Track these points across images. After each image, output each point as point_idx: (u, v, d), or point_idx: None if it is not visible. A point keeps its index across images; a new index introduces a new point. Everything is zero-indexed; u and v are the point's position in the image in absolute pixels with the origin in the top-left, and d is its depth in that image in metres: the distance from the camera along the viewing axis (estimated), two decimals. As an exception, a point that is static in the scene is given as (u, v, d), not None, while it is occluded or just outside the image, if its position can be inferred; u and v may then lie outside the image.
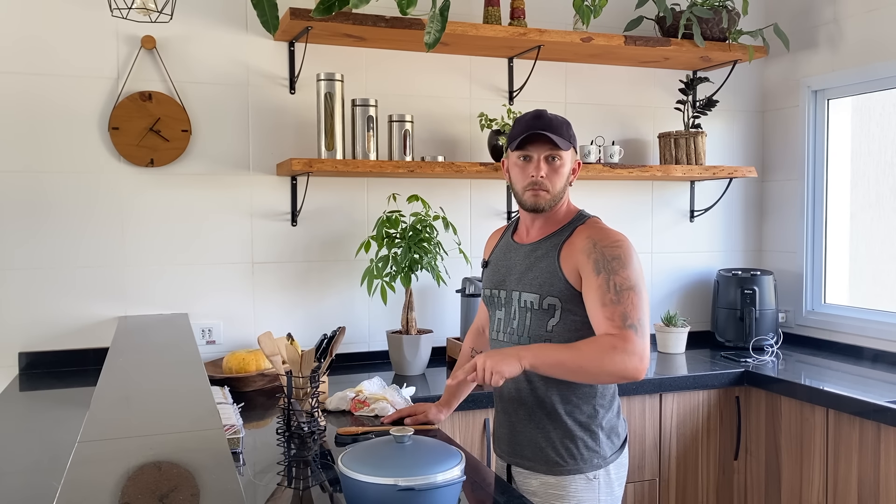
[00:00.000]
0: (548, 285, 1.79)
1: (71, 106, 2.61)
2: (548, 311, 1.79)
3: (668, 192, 3.41)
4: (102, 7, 2.60)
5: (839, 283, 3.32)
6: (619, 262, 1.72)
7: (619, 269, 1.71)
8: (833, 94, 3.25)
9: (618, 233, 1.79)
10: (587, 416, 1.80)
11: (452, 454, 1.44)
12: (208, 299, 2.78)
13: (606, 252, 1.73)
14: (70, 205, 2.62)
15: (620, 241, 1.76)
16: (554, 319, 1.78)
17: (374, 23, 2.64)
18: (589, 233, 1.79)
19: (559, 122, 1.81)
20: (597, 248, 1.74)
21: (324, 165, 2.59)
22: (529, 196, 1.82)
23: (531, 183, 1.81)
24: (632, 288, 1.70)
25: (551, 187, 1.81)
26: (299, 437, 1.94)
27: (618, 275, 1.70)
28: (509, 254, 1.92)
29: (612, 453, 1.83)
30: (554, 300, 1.78)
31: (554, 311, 1.78)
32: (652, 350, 3.13)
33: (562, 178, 1.82)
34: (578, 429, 1.80)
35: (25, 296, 2.59)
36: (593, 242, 1.76)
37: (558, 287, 1.78)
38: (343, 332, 2.07)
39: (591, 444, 1.80)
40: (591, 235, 1.78)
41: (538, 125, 1.79)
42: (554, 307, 1.78)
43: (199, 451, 1.16)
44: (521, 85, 3.10)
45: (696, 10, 3.03)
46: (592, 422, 1.81)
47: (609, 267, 1.71)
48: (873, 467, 2.38)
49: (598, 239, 1.76)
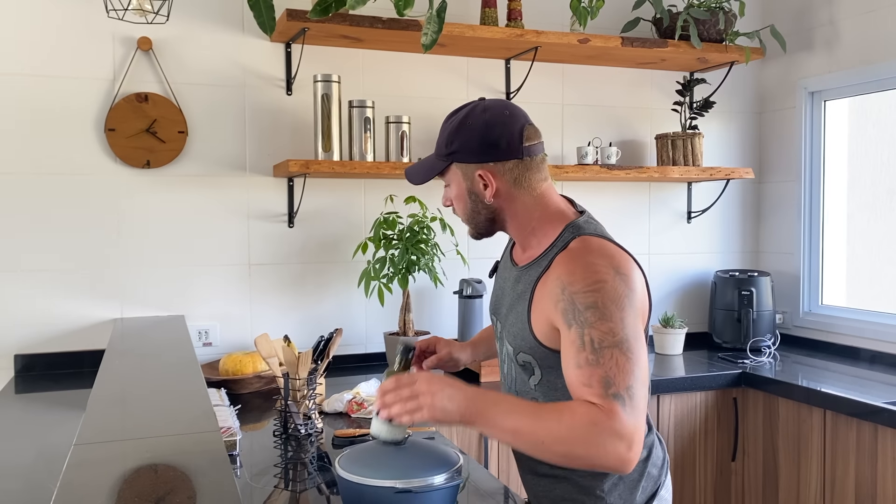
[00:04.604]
0: (520, 339, 1.44)
1: (67, 107, 2.60)
2: (526, 368, 1.45)
3: (666, 193, 3.41)
4: (98, 8, 2.59)
5: (836, 284, 3.32)
6: (595, 311, 1.28)
7: (596, 321, 1.27)
8: (830, 96, 3.26)
9: (600, 269, 1.32)
10: (591, 478, 1.44)
11: (450, 456, 1.43)
12: (205, 301, 2.77)
13: (578, 300, 1.30)
14: (66, 206, 2.61)
15: (599, 281, 1.31)
16: (535, 377, 1.44)
17: (370, 24, 2.64)
18: (561, 270, 1.36)
19: (437, 141, 1.50)
20: (565, 293, 1.32)
21: (321, 167, 2.59)
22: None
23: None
24: (616, 345, 1.25)
25: (460, 214, 1.52)
26: (296, 440, 1.94)
27: (594, 328, 1.27)
28: (504, 273, 1.59)
29: None
30: (528, 357, 1.44)
31: (532, 369, 1.44)
32: (650, 351, 3.13)
33: (460, 202, 1.49)
34: (578, 492, 1.46)
35: (21, 297, 2.58)
36: (562, 286, 1.33)
37: (528, 343, 1.42)
38: (340, 334, 2.06)
39: None
40: (561, 275, 1.35)
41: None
42: (530, 364, 1.44)
43: (196, 454, 1.16)
44: (519, 86, 3.10)
45: (692, 11, 3.03)
46: (596, 486, 1.44)
47: (581, 318, 1.28)
48: (870, 468, 2.38)
49: (568, 282, 1.33)
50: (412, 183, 1.54)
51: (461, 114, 1.48)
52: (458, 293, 2.91)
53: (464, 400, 1.27)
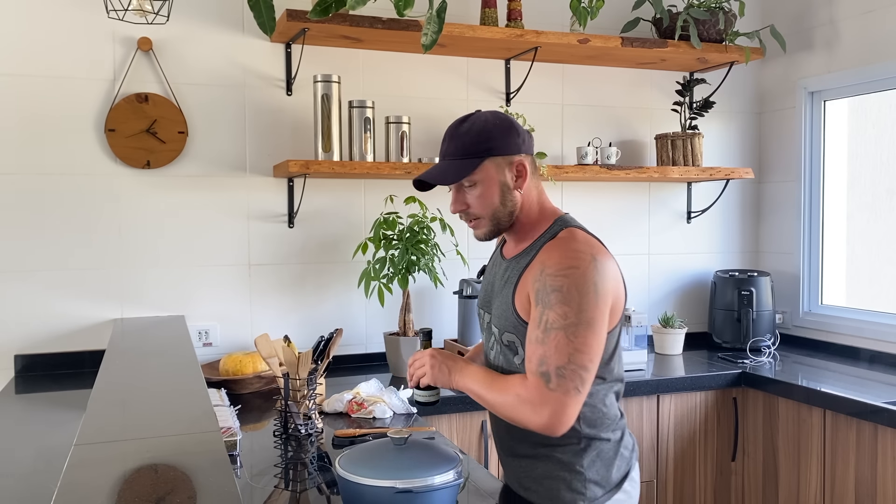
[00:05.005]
0: (504, 319, 1.59)
1: (67, 107, 2.60)
2: (510, 348, 1.59)
3: (665, 193, 3.42)
4: (99, 8, 2.59)
5: (836, 284, 3.32)
6: (558, 294, 1.44)
7: (556, 303, 1.43)
8: (829, 96, 3.26)
9: (579, 255, 1.48)
10: (569, 457, 1.58)
11: (450, 456, 1.43)
12: (205, 301, 2.77)
13: (549, 282, 1.46)
14: (66, 207, 2.61)
15: (573, 267, 1.46)
16: (518, 357, 1.57)
17: (370, 24, 2.64)
18: (546, 256, 1.52)
19: (462, 143, 1.57)
20: (543, 275, 1.48)
21: (321, 167, 2.59)
22: (471, 228, 1.65)
23: (461, 216, 1.64)
24: (563, 328, 1.42)
25: (482, 213, 1.60)
26: (296, 440, 1.94)
27: (552, 310, 1.44)
28: (494, 269, 1.72)
29: (603, 493, 1.58)
30: (512, 337, 1.58)
31: (516, 348, 1.57)
32: (649, 351, 3.13)
33: (489, 199, 1.58)
34: (558, 469, 1.58)
35: (21, 298, 2.58)
36: (542, 268, 1.50)
37: (512, 322, 1.57)
38: (340, 334, 2.06)
39: (575, 485, 1.57)
40: (545, 260, 1.51)
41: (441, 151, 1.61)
42: (514, 344, 1.57)
43: (196, 454, 1.16)
44: (518, 86, 3.10)
45: (692, 11, 3.03)
46: (576, 462, 1.57)
47: (546, 300, 1.45)
48: (870, 468, 2.38)
49: (548, 265, 1.49)
50: (440, 184, 1.59)
51: (476, 117, 1.60)
52: (458, 293, 2.91)
53: (448, 371, 1.61)
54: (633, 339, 2.92)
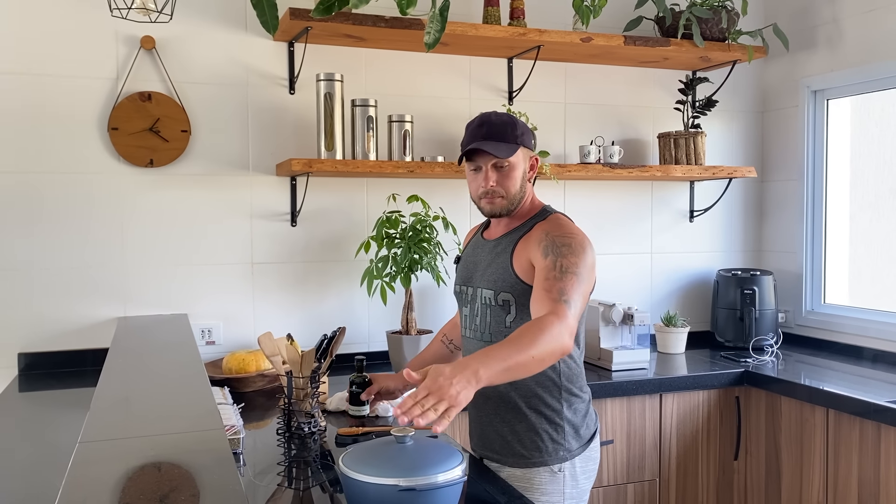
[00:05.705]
0: (500, 280, 1.81)
1: (70, 106, 2.60)
2: (503, 308, 1.81)
3: (668, 192, 3.41)
4: (102, 7, 2.59)
5: (839, 283, 3.32)
6: (569, 248, 1.71)
7: (568, 254, 1.70)
8: (832, 95, 3.26)
9: (577, 228, 1.79)
10: (552, 410, 1.82)
11: (453, 454, 1.43)
12: (208, 300, 2.78)
13: (557, 240, 1.73)
14: (69, 205, 2.62)
15: (576, 234, 1.76)
16: (510, 316, 1.80)
17: (373, 23, 2.64)
18: (547, 227, 1.79)
19: (502, 128, 1.80)
20: (548, 236, 1.75)
21: (323, 166, 2.59)
22: (485, 204, 1.84)
23: (484, 192, 1.83)
24: (576, 273, 1.67)
25: (505, 192, 1.82)
26: (299, 438, 1.94)
27: (566, 258, 1.69)
28: (477, 250, 1.95)
29: (578, 446, 1.84)
30: (507, 296, 1.79)
31: (509, 307, 1.80)
32: (652, 350, 3.14)
33: (515, 181, 1.82)
34: (543, 422, 1.82)
35: (25, 296, 2.58)
36: (546, 233, 1.77)
37: (509, 282, 1.79)
38: (343, 333, 2.06)
39: (556, 437, 1.82)
40: (547, 228, 1.78)
41: (480, 134, 1.79)
42: (508, 303, 1.79)
43: (200, 452, 1.16)
44: (521, 85, 3.10)
45: (695, 10, 3.03)
46: (557, 415, 1.82)
47: (558, 251, 1.71)
48: (873, 467, 2.38)
49: (551, 230, 1.77)
50: (498, 156, 1.78)
51: (498, 112, 1.84)
52: (461, 292, 2.91)
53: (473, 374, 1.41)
54: (635, 337, 2.91)
